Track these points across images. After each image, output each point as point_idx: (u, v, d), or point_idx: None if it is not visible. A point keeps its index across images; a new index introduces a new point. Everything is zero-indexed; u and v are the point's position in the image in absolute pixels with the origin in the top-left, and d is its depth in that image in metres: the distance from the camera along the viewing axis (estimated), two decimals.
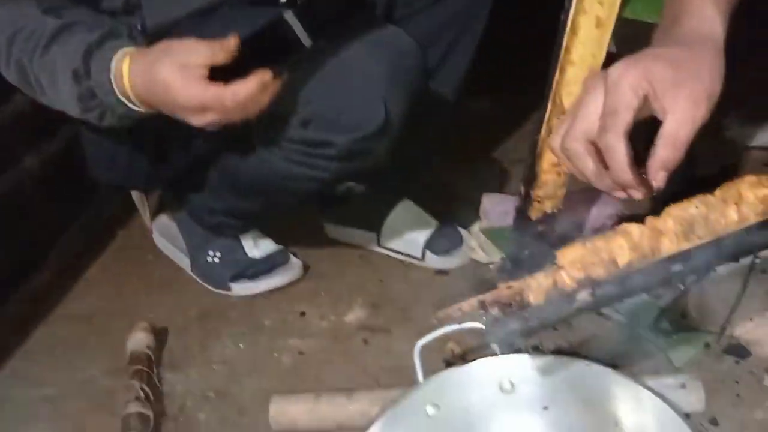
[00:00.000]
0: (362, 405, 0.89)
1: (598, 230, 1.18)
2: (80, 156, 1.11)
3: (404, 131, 0.99)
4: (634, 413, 0.75)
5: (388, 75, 0.92)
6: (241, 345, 1.10)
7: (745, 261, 0.97)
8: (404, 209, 1.25)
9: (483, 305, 0.69)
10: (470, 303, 0.70)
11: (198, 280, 1.24)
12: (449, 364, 0.95)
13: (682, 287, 0.95)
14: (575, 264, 0.64)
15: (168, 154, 1.04)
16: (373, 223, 1.26)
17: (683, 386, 0.84)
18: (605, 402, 0.77)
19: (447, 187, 1.38)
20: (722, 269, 0.97)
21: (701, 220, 0.62)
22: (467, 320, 0.73)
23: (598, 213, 1.18)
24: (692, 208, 0.63)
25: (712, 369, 0.90)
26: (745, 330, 0.93)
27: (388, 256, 1.25)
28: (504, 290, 0.68)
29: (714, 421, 0.84)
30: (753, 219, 0.59)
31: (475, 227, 1.26)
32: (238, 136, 0.97)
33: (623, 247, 0.63)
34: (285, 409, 0.92)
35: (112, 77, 0.81)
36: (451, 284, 1.18)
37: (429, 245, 1.21)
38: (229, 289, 1.20)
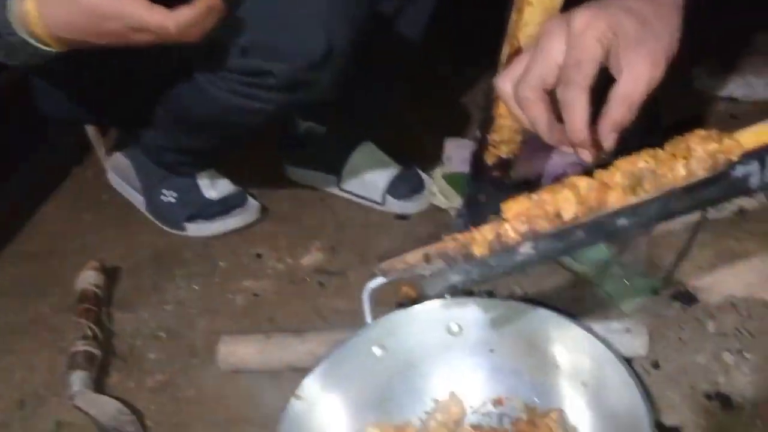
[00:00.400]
0: (312, 346, 0.89)
1: (559, 178, 1.17)
2: (31, 89, 1.08)
3: (357, 66, 0.96)
4: (575, 355, 0.76)
5: (330, 3, 0.89)
6: (194, 286, 1.09)
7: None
8: (365, 152, 1.24)
9: (427, 258, 0.68)
10: (414, 255, 0.69)
11: (153, 219, 1.22)
12: (403, 307, 0.95)
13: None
14: (520, 217, 0.63)
15: (110, 88, 1.01)
16: (334, 165, 1.24)
17: (628, 330, 0.85)
18: (548, 345, 0.78)
19: (410, 130, 1.36)
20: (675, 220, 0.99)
21: (649, 175, 0.61)
22: (411, 272, 0.72)
23: (560, 160, 1.18)
24: (641, 162, 0.61)
25: (659, 314, 0.91)
26: (693, 277, 0.94)
27: (348, 199, 1.24)
28: (449, 243, 0.67)
29: (656, 365, 0.85)
30: (701, 174, 0.58)
31: (437, 172, 1.25)
32: (180, 67, 0.94)
33: (569, 201, 0.62)
34: (234, 349, 0.91)
35: (9, 15, 0.76)
36: (411, 229, 1.17)
37: (390, 189, 1.20)
38: (184, 229, 1.19)
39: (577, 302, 0.95)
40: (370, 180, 1.22)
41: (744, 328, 0.87)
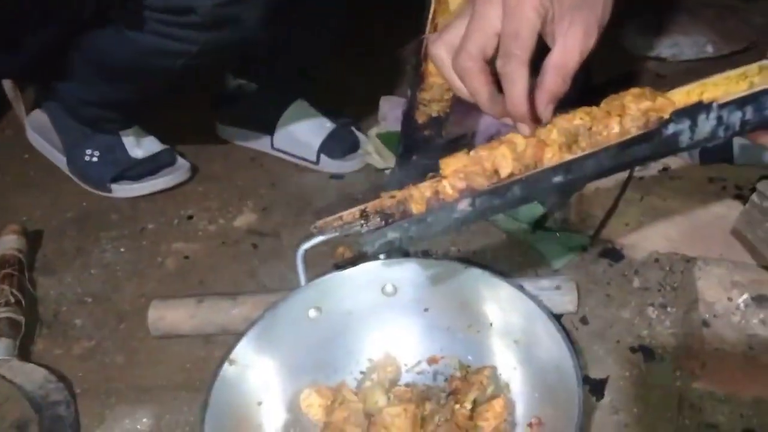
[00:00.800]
0: (245, 309, 0.88)
1: (493, 136, 1.18)
2: None
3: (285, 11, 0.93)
4: (506, 314, 0.77)
5: None
6: (121, 249, 1.06)
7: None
8: (299, 110, 1.21)
9: (364, 215, 0.67)
10: (351, 212, 0.68)
11: (76, 180, 1.17)
12: (339, 268, 0.95)
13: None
14: (458, 174, 0.62)
15: (23, 34, 0.94)
16: (266, 124, 1.21)
17: (558, 288, 0.86)
18: (481, 304, 0.79)
19: (345, 88, 1.33)
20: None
21: (585, 132, 0.61)
22: (348, 229, 0.71)
23: (493, 120, 1.18)
24: (577, 119, 0.62)
25: (587, 271, 0.93)
26: (620, 234, 0.96)
27: (282, 158, 1.21)
28: (387, 200, 0.66)
29: (584, 320, 0.88)
30: (634, 131, 0.59)
31: (373, 131, 1.24)
32: (98, 8, 0.89)
33: (506, 157, 0.62)
34: (164, 314, 0.89)
35: None
36: (345, 189, 1.16)
37: (324, 148, 1.18)
38: (109, 190, 1.14)
39: (510, 260, 0.96)
40: (304, 139, 1.19)
41: (666, 283, 0.91)
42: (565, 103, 1.33)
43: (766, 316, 0.80)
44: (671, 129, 0.57)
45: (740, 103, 0.57)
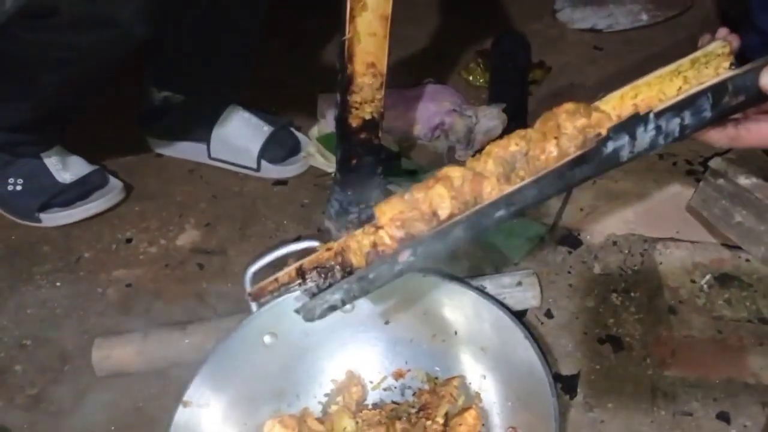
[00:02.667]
0: (197, 338, 0.83)
1: (437, 128, 1.15)
2: None
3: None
4: (471, 321, 0.75)
5: None
6: (57, 283, 0.99)
7: None
8: (233, 116, 1.15)
9: (301, 272, 0.63)
10: (287, 272, 0.65)
11: (1, 212, 1.09)
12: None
13: None
14: (395, 221, 0.59)
15: None
16: (201, 133, 1.15)
17: (520, 284, 0.84)
18: (444, 312, 0.76)
19: (278, 87, 1.28)
20: None
21: (521, 158, 0.58)
22: (285, 291, 0.68)
23: (435, 109, 1.15)
24: (512, 146, 0.58)
25: (547, 261, 0.92)
26: (576, 220, 0.94)
27: (221, 168, 1.16)
28: (323, 253, 0.63)
29: (549, 314, 0.86)
30: (572, 152, 0.56)
31: (313, 131, 1.19)
32: None
33: (443, 197, 0.58)
34: (109, 352, 0.84)
35: None
36: (290, 195, 1.11)
37: (264, 154, 1.13)
38: (38, 220, 1.06)
39: (470, 257, 0.93)
40: (242, 146, 1.14)
41: (627, 267, 0.89)
42: (510, 83, 1.29)
43: (730, 295, 0.79)
44: (610, 146, 0.55)
45: (677, 108, 0.55)
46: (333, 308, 0.60)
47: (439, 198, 0.57)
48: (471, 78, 1.29)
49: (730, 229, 0.82)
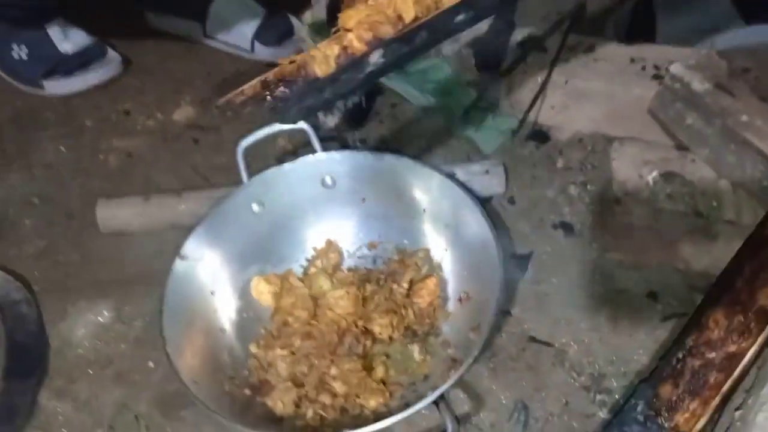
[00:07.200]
0: (191, 204, 0.92)
1: None
2: None
3: None
4: (437, 201, 0.83)
5: None
6: (62, 148, 1.06)
7: (551, 54, 1.04)
8: None
9: (266, 85, 0.64)
10: (252, 85, 0.65)
11: (7, 78, 1.14)
12: (280, 161, 0.98)
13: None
14: (362, 25, 0.61)
15: None
16: (197, 11, 1.19)
17: (487, 172, 0.92)
18: (414, 192, 0.85)
19: None
20: (531, 59, 1.04)
21: None
22: (256, 103, 0.67)
23: None
24: None
25: (515, 154, 0.99)
26: (547, 117, 1.01)
27: (216, 48, 1.20)
28: (287, 66, 0.64)
29: (512, 200, 0.94)
30: None
31: (307, 15, 1.22)
32: None
33: (407, 1, 0.61)
34: (113, 212, 0.92)
35: None
36: None
37: (258, 36, 1.18)
38: (41, 87, 1.13)
39: (445, 147, 1.01)
40: (237, 27, 1.18)
41: (588, 162, 0.97)
42: None
43: (672, 190, 0.88)
44: None
45: None
46: (309, 110, 0.63)
47: (402, 2, 0.61)
48: None
49: (681, 131, 0.90)
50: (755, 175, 0.83)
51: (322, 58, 0.63)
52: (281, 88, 0.64)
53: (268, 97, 0.64)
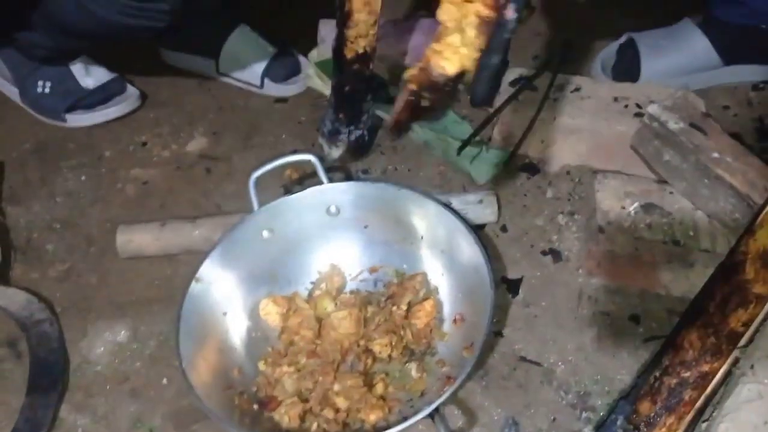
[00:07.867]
0: (205, 230, 0.98)
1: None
2: None
3: None
4: (433, 228, 0.90)
5: None
6: (82, 177, 1.13)
7: (541, 92, 1.12)
8: (241, 35, 1.26)
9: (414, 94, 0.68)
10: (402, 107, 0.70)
11: (31, 111, 1.21)
12: (287, 189, 1.05)
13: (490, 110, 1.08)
14: None
15: None
16: (211, 49, 1.26)
17: (481, 201, 0.99)
18: (413, 220, 0.91)
19: (285, 11, 1.38)
20: (522, 97, 1.12)
21: None
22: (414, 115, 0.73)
23: (426, 41, 1.25)
24: None
25: (507, 185, 1.06)
26: (537, 150, 1.08)
27: (228, 83, 1.28)
28: (416, 74, 0.69)
29: (504, 228, 1.01)
30: None
31: (314, 54, 1.30)
32: None
33: None
34: (131, 237, 0.99)
35: None
36: (290, 112, 1.23)
37: (267, 73, 1.25)
38: (64, 120, 1.20)
39: (442, 177, 1.08)
40: (248, 64, 1.25)
41: (575, 193, 1.04)
42: None
43: (652, 220, 0.94)
44: None
45: None
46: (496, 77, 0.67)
47: None
48: None
49: (660, 166, 0.97)
50: (727, 207, 0.90)
51: (447, 48, 0.66)
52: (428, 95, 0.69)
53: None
